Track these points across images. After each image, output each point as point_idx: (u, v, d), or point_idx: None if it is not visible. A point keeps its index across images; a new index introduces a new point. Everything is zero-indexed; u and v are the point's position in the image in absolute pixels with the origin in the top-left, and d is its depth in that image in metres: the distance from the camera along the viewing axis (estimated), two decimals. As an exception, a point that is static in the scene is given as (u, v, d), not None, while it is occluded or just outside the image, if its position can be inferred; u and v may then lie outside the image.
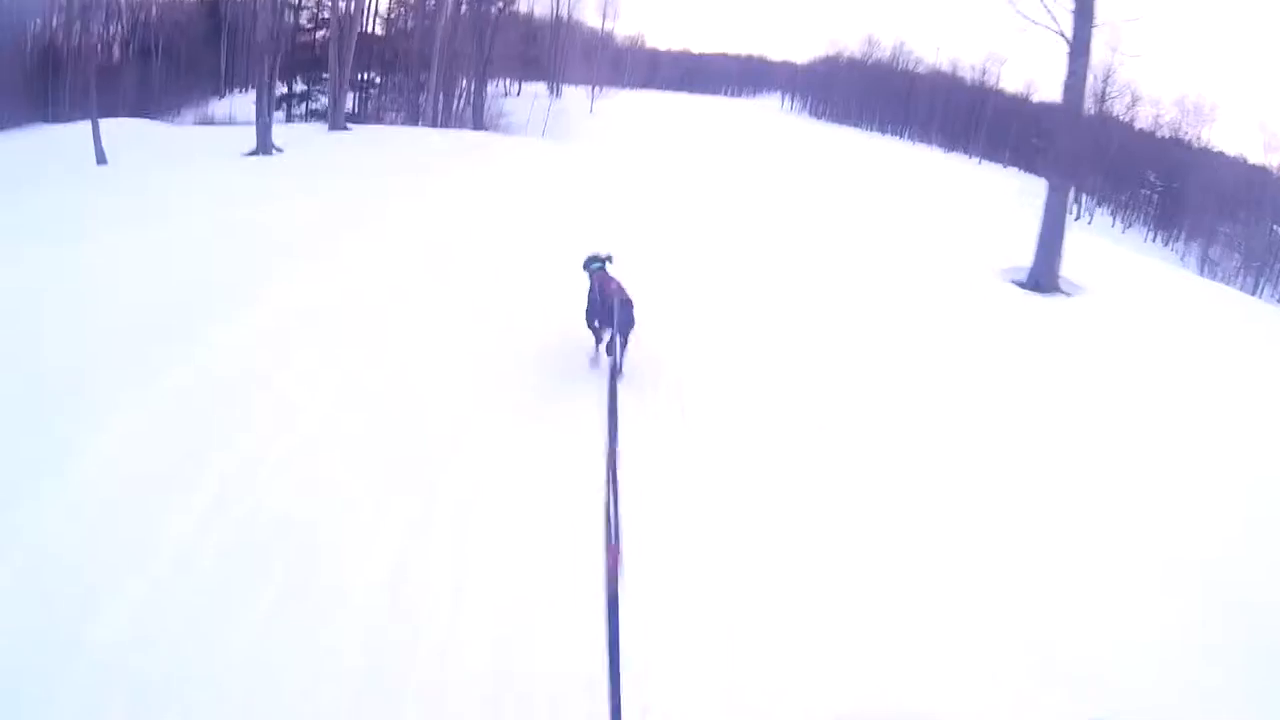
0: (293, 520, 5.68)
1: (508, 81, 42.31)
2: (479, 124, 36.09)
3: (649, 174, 23.01)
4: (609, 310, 7.46)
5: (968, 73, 53.68)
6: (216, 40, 36.64)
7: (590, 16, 47.92)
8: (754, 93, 61.75)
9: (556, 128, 38.13)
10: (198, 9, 36.26)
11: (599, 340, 8.02)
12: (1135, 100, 45.19)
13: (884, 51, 56.39)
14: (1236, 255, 40.58)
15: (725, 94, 60.83)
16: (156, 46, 33.87)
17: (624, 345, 7.56)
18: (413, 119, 34.69)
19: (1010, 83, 52.95)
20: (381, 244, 12.95)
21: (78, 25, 31.63)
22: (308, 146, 25.81)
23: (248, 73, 35.09)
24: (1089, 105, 43.45)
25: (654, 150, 34.00)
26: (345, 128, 30.81)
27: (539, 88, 44.20)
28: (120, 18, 35.51)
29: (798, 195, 24.61)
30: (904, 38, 55.38)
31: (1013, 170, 49.88)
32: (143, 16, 34.30)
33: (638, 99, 49.23)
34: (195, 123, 32.62)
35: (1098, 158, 42.91)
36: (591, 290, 8.03)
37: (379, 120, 36.24)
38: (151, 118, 30.92)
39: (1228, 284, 31.60)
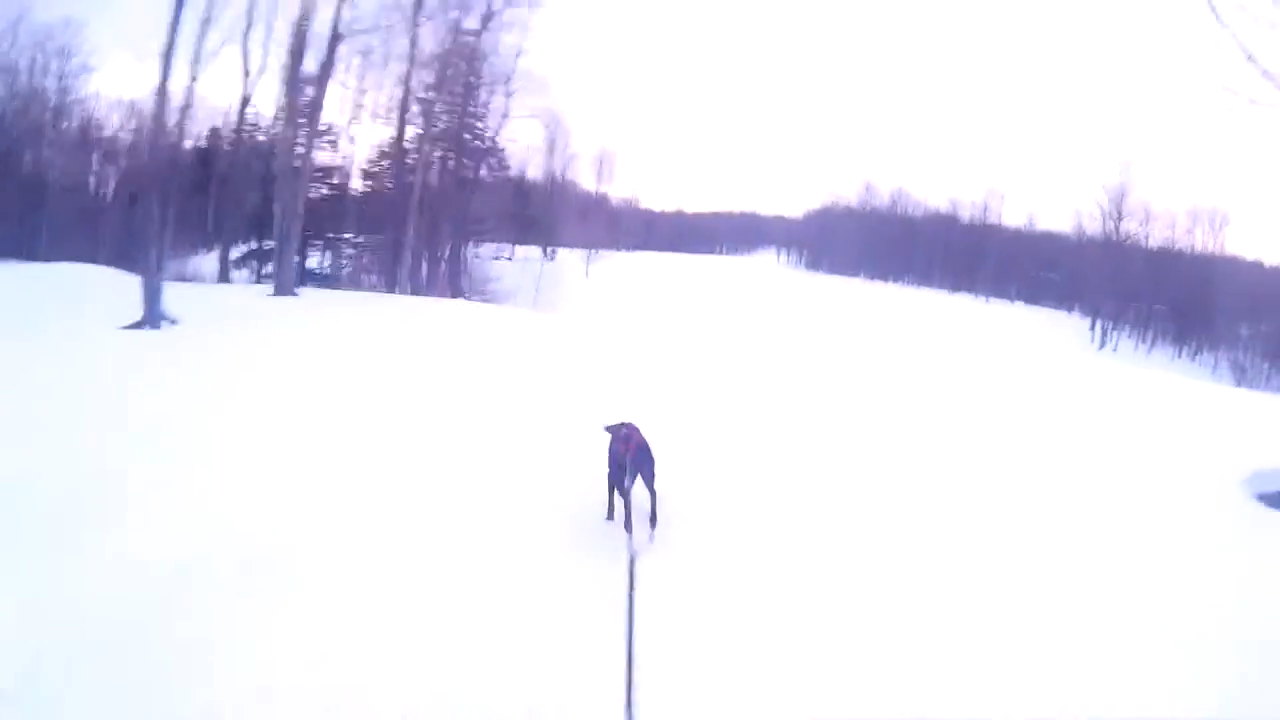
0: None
1: (497, 245, 40.33)
2: (456, 290, 32.89)
3: (654, 354, 17.94)
4: (625, 457, 6.72)
5: (968, 210, 53.19)
6: (206, 190, 33.81)
7: (585, 178, 47.58)
8: (749, 249, 62.13)
9: (549, 294, 35.27)
10: (194, 155, 34.27)
11: (618, 503, 6.95)
12: (1148, 218, 43.67)
13: (881, 197, 56.00)
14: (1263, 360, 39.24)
15: (720, 252, 61.09)
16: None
17: (652, 491, 6.92)
18: (391, 284, 31.25)
19: (1011, 216, 52.75)
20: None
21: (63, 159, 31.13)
22: (224, 318, 19.52)
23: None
24: (1111, 231, 44.52)
25: (656, 322, 31.10)
26: (293, 293, 25.99)
27: (533, 251, 42.70)
28: (116, 159, 34.63)
29: (829, 359, 21.30)
30: (901, 182, 55.35)
31: (1020, 305, 49.32)
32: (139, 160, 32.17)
33: (633, 261, 48.24)
34: (170, 278, 29.95)
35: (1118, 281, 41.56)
36: (613, 446, 7.04)
37: (356, 284, 32.68)
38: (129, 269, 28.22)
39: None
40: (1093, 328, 44.17)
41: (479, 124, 33.50)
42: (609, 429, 7.24)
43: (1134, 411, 15.75)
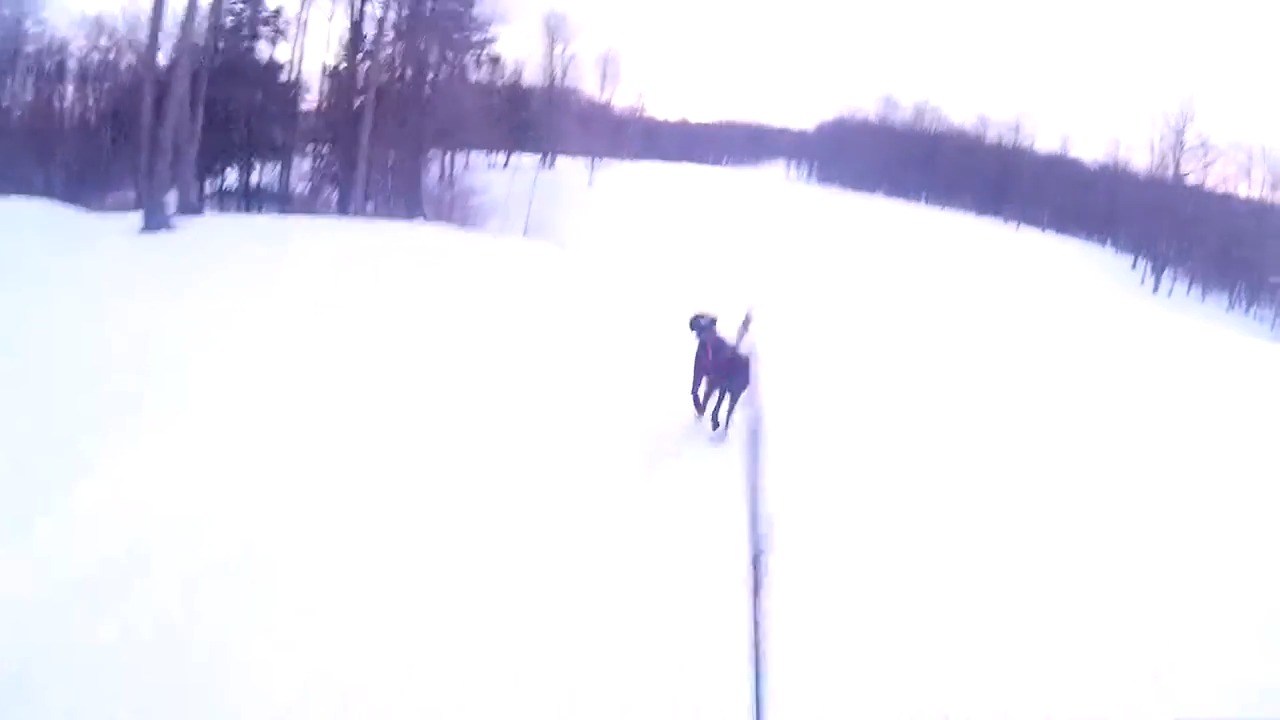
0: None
1: (489, 154, 35.65)
2: (413, 211, 26.83)
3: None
4: (722, 368, 7.11)
5: (998, 129, 48.43)
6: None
7: (587, 82, 42.21)
8: (756, 161, 57.30)
9: (545, 211, 29.93)
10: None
11: (702, 408, 7.60)
12: (1207, 154, 39.08)
13: (904, 111, 51.12)
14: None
15: (726, 163, 56.30)
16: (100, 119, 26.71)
17: (733, 403, 7.10)
18: (345, 204, 25.60)
19: (1044, 139, 47.73)
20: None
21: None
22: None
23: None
24: (1167, 165, 40.57)
25: (675, 256, 27.56)
26: (168, 226, 19.00)
27: (530, 159, 38.24)
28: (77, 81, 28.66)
29: (866, 299, 19.33)
30: (925, 95, 50.43)
31: (1052, 234, 45.40)
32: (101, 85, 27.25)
33: (637, 172, 43.63)
34: (113, 207, 24.79)
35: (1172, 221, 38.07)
36: (702, 350, 7.57)
37: (311, 205, 26.20)
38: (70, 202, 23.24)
39: None
40: (1136, 266, 40.38)
41: (461, 9, 27.95)
42: (696, 327, 7.67)
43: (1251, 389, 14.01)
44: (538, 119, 38.89)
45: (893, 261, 35.07)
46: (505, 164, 37.50)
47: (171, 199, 19.99)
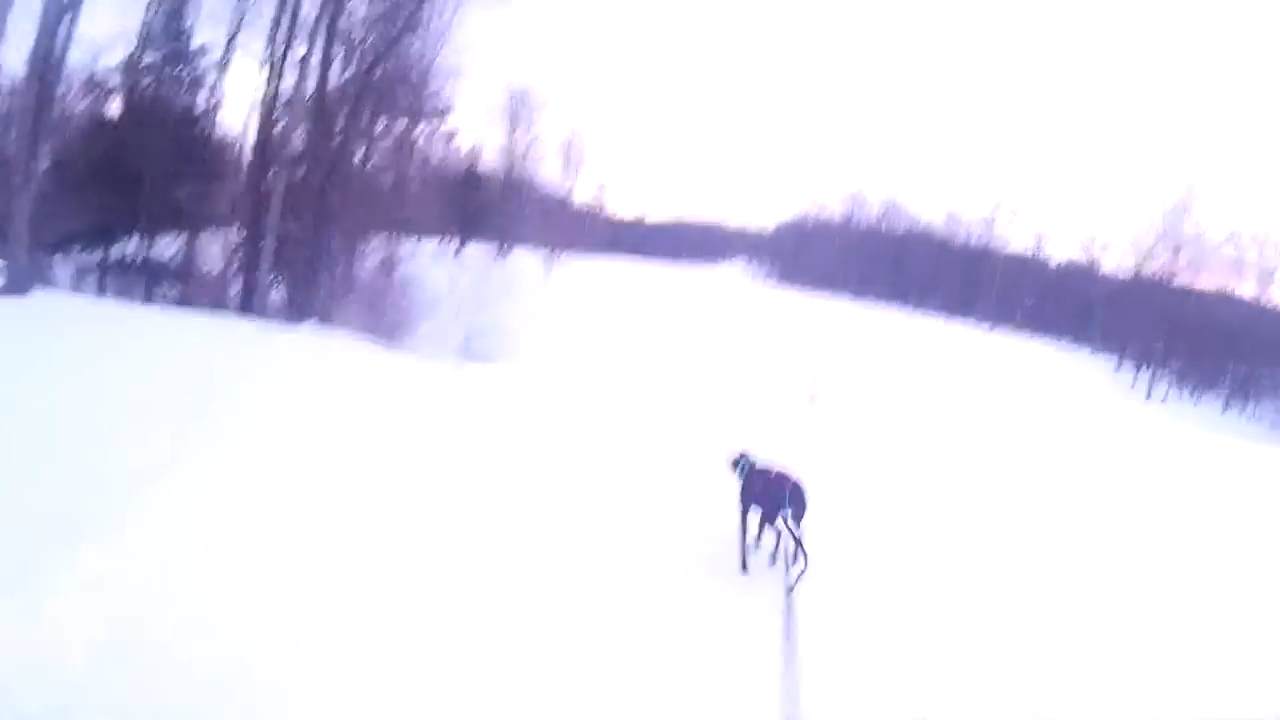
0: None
1: (443, 240, 32.53)
2: (304, 311, 20.03)
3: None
4: (776, 493, 6.43)
5: (969, 229, 47.15)
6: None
7: (548, 171, 39.90)
8: (714, 259, 57.29)
9: (493, 311, 26.08)
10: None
11: (749, 544, 6.78)
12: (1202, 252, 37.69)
13: (871, 209, 49.70)
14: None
15: (684, 261, 55.38)
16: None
17: (799, 533, 6.37)
18: (248, 296, 19.82)
19: (1017, 238, 46.71)
20: None
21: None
22: None
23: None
24: (1152, 262, 38.96)
25: (648, 361, 25.76)
26: None
27: (484, 249, 35.38)
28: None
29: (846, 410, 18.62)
30: (894, 194, 49.06)
31: (1026, 336, 43.37)
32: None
33: (596, 268, 41.53)
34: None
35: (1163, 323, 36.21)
36: (750, 483, 6.74)
37: (217, 298, 20.26)
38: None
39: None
40: (1121, 369, 38.54)
41: (417, 73, 24.13)
42: (738, 461, 7.05)
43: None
44: (494, 205, 36.11)
45: (865, 368, 32.64)
46: (457, 252, 34.22)
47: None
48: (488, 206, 36.00)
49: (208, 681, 4.38)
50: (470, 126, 34.92)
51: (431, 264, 28.81)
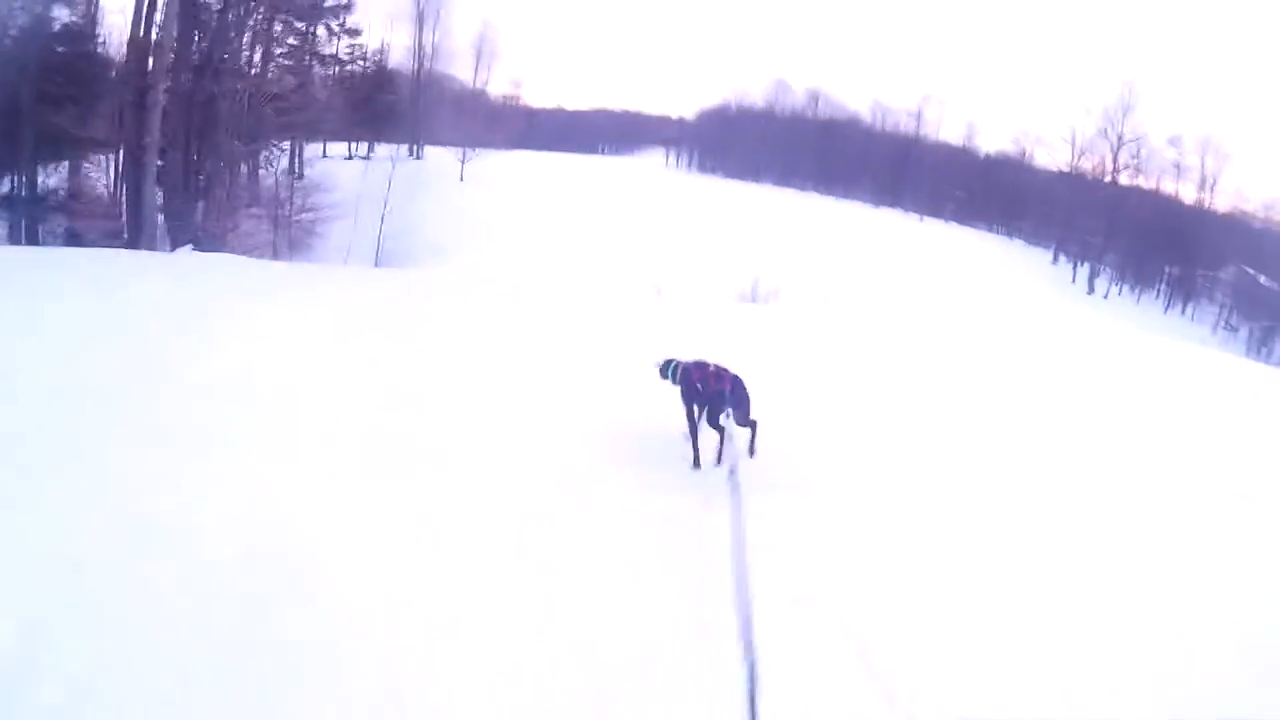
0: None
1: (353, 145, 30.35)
2: (186, 232, 18.47)
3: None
4: (718, 394, 6.51)
5: (897, 118, 45.70)
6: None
7: (460, 69, 37.41)
8: (634, 149, 54.33)
9: (408, 213, 24.47)
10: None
11: (696, 442, 6.85)
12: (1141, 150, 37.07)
13: (796, 97, 47.84)
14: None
15: (604, 152, 53.65)
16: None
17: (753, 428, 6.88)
18: (134, 219, 17.92)
19: (947, 130, 45.08)
20: None
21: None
22: None
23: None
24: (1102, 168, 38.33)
25: (566, 257, 26.07)
26: None
27: (395, 150, 32.72)
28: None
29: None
30: (818, 82, 47.26)
31: (956, 226, 42.95)
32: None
33: (513, 162, 38.71)
34: None
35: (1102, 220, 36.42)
36: (687, 385, 6.84)
37: (87, 217, 18.88)
38: None
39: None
40: (1057, 262, 38.30)
41: None
42: (666, 367, 7.04)
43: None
44: (404, 105, 33.90)
45: (793, 252, 31.78)
46: (368, 155, 32.20)
47: None
48: (397, 107, 33.87)
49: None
50: (376, 25, 32.04)
51: (338, 169, 26.77)
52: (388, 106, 32.25)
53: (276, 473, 6.18)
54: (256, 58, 21.22)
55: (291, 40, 22.98)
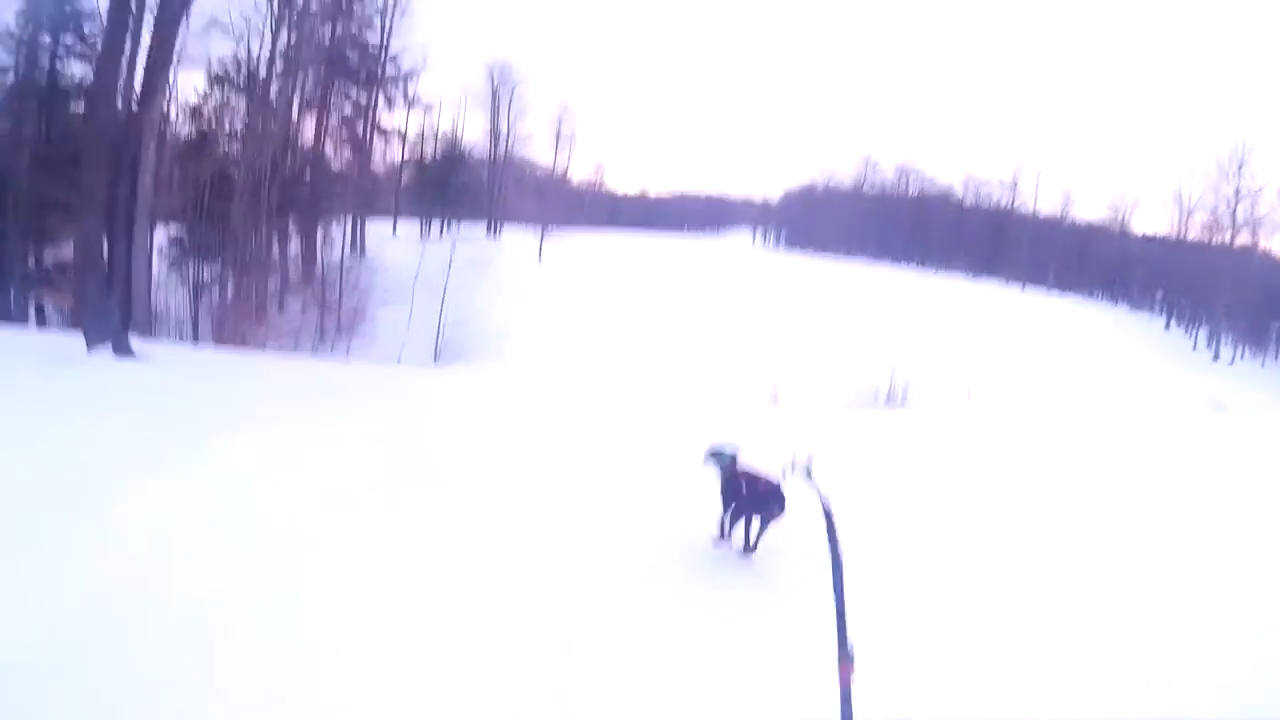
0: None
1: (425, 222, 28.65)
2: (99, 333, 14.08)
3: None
4: (759, 498, 6.29)
5: (989, 190, 43.76)
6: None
7: (540, 152, 36.06)
8: (717, 229, 54.59)
9: (473, 298, 21.65)
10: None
11: (728, 532, 6.59)
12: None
13: (885, 173, 46.62)
14: None
15: (686, 232, 52.99)
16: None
17: (763, 528, 6.45)
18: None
19: (1043, 199, 42.99)
20: None
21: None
22: None
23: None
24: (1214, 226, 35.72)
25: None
26: None
27: (472, 230, 31.40)
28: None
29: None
30: (908, 158, 45.90)
31: (1057, 295, 40.00)
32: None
33: (594, 243, 37.96)
34: None
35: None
36: (732, 481, 6.50)
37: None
38: None
39: None
40: (1171, 329, 35.13)
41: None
42: (719, 461, 6.55)
43: None
44: (479, 185, 32.35)
45: (908, 331, 29.10)
46: (442, 234, 30.16)
47: None
48: (471, 186, 32.55)
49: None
50: (452, 103, 30.76)
51: (400, 248, 24.52)
52: (461, 185, 30.45)
53: None
54: (308, 129, 19.43)
55: (348, 111, 21.10)
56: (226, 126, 18.20)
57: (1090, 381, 22.56)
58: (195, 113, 18.56)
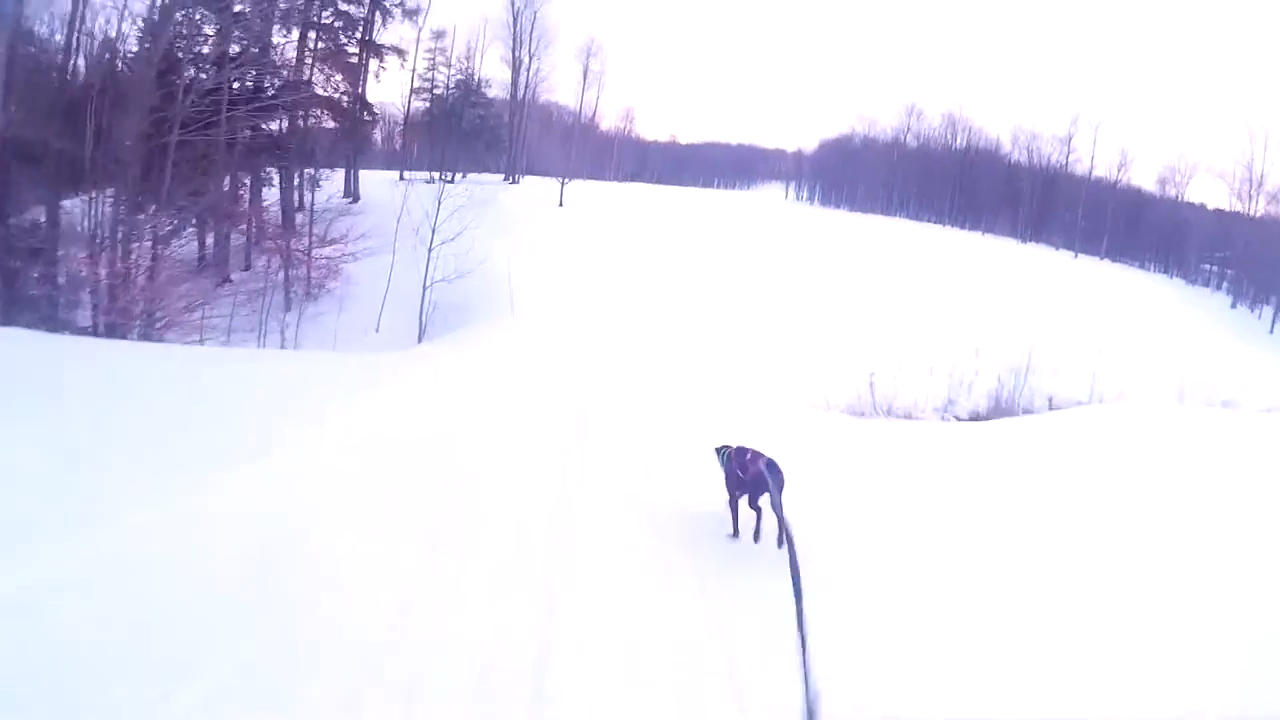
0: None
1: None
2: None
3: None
4: (757, 478, 6.66)
5: (1040, 146, 40.16)
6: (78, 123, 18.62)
7: (567, 97, 34.24)
8: (749, 183, 51.24)
9: (480, 260, 19.18)
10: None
11: (737, 527, 6.97)
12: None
13: (929, 123, 42.82)
14: None
15: (717, 185, 50.11)
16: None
17: (776, 506, 6.58)
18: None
19: (1100, 157, 39.20)
20: None
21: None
22: None
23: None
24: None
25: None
26: None
27: (491, 178, 29.43)
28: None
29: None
30: (954, 107, 42.16)
31: (1107, 263, 37.27)
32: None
33: (615, 191, 36.11)
34: None
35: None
36: (730, 469, 6.98)
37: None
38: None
39: None
40: (1236, 306, 32.39)
41: None
42: (722, 451, 7.19)
43: None
44: (497, 127, 29.65)
45: (943, 292, 27.46)
46: (453, 179, 27.65)
47: None
48: (490, 122, 29.78)
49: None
50: (469, 29, 27.99)
51: (400, 194, 21.64)
52: (477, 120, 27.68)
53: None
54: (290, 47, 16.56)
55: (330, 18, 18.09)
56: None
57: (1174, 366, 19.68)
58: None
